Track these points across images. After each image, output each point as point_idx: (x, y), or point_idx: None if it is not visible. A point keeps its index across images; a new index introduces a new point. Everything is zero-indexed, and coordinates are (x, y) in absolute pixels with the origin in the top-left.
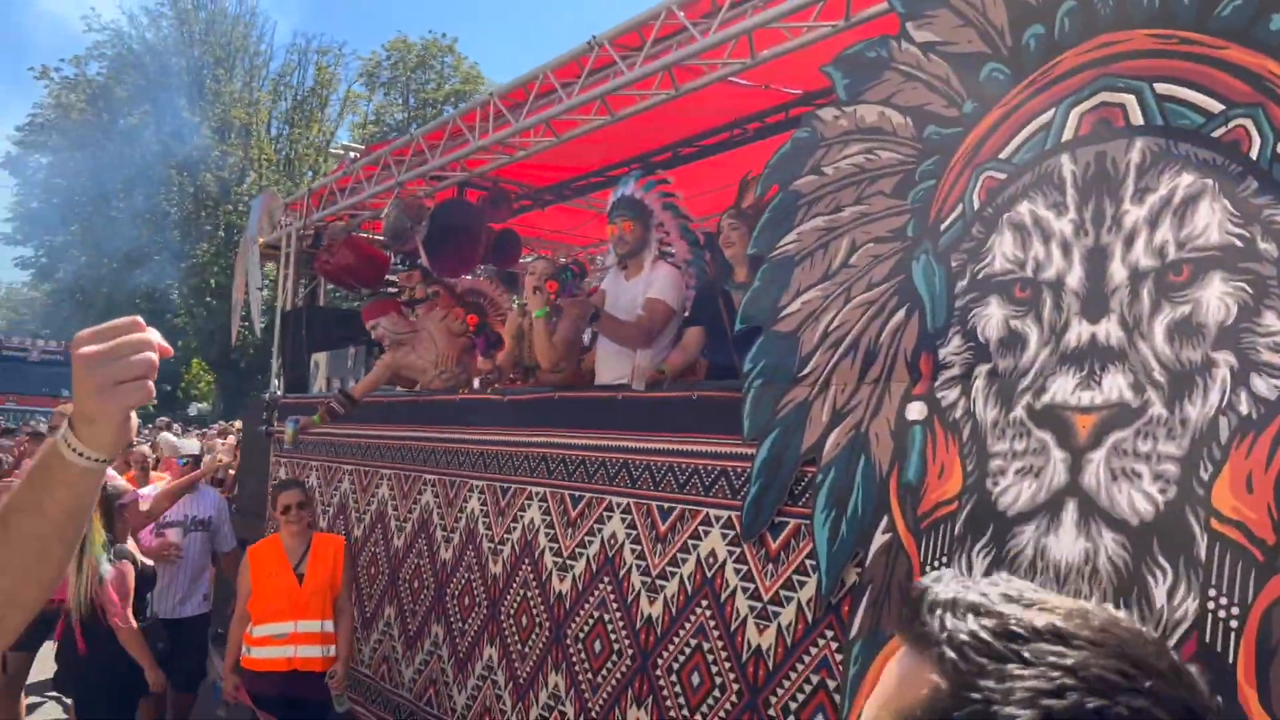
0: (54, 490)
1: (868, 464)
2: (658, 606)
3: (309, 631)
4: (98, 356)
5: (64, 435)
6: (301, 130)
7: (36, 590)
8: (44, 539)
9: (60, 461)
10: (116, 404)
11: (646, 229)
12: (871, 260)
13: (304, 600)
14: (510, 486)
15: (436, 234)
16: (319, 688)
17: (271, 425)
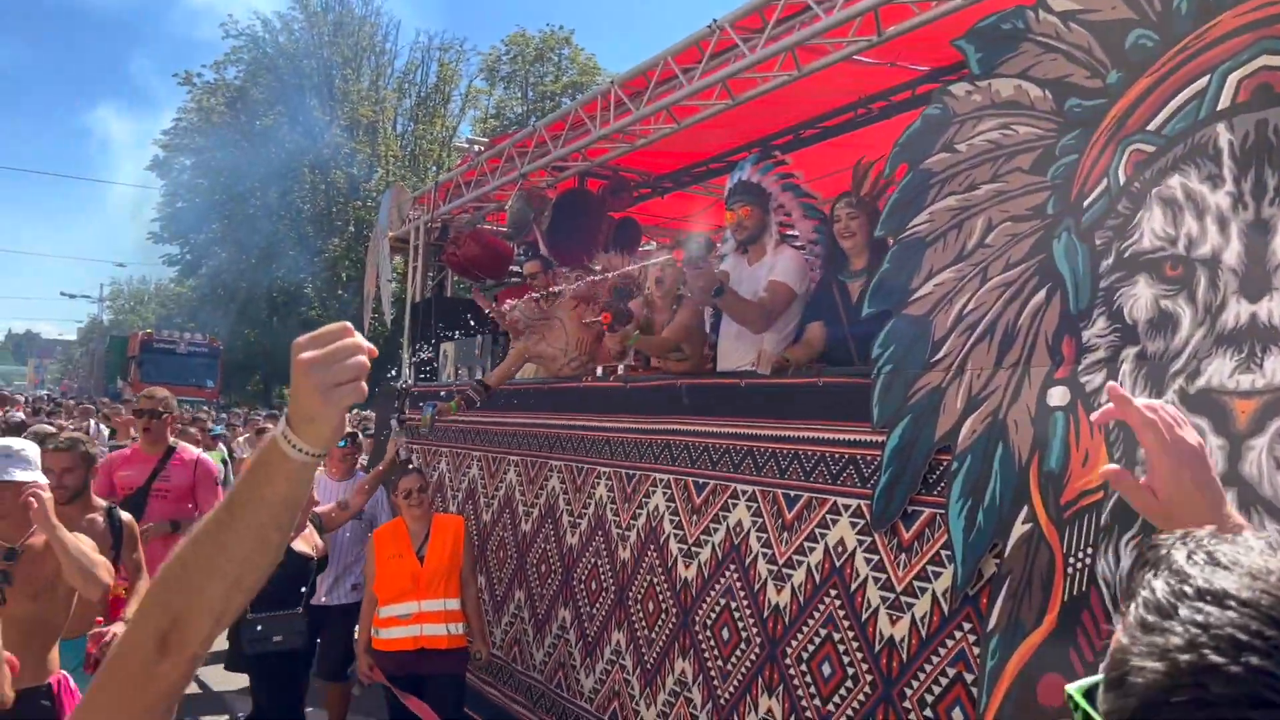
0: (274, 483)
1: (1006, 451)
2: (785, 595)
3: (433, 610)
4: (317, 361)
5: (284, 432)
6: (425, 126)
7: (257, 575)
8: (264, 527)
9: (280, 456)
10: (335, 404)
11: (765, 213)
12: (1009, 239)
13: (426, 580)
14: (635, 473)
15: (558, 223)
16: (447, 664)
17: (403, 413)
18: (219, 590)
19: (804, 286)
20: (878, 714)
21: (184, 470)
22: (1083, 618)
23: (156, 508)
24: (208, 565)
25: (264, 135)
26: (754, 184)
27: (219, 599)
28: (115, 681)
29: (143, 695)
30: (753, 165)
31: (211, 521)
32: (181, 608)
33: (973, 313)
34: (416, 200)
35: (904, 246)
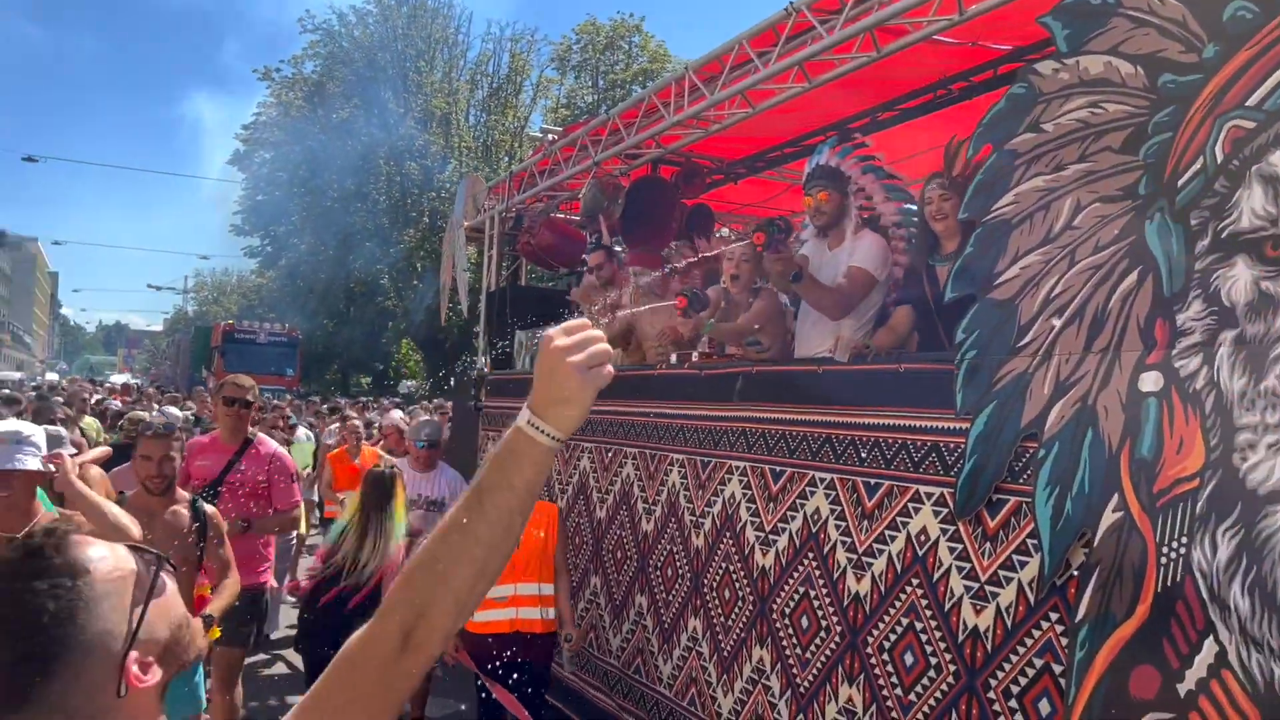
0: (523, 469)
1: (1096, 438)
2: (865, 584)
3: (528, 594)
4: (573, 347)
5: (530, 420)
6: (497, 117)
7: (499, 561)
8: (511, 513)
9: (528, 443)
10: (592, 384)
11: (844, 197)
12: (1098, 221)
13: (521, 564)
14: (710, 460)
15: (631, 211)
16: (539, 649)
17: (480, 401)
18: (466, 578)
19: (885, 272)
20: (961, 704)
21: (259, 463)
22: (1177, 608)
23: (228, 500)
24: (457, 554)
25: (341, 128)
26: (832, 168)
27: (465, 588)
28: (353, 683)
29: (385, 695)
30: (831, 149)
31: (460, 511)
32: (428, 601)
33: (1060, 296)
34: (491, 190)
35: (989, 229)
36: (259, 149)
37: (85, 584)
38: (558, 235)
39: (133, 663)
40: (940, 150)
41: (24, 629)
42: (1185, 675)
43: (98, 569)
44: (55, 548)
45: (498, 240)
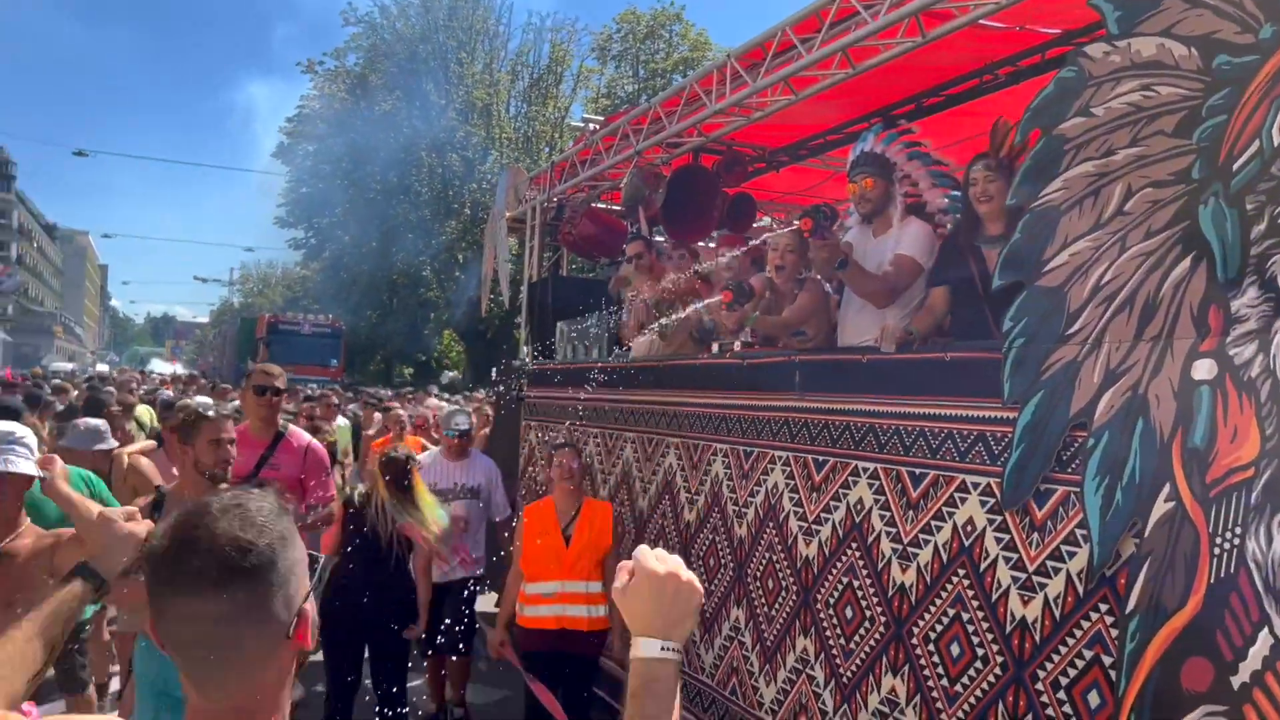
0: (670, 692)
1: (1147, 427)
2: (910, 574)
3: (574, 592)
4: (676, 568)
5: (663, 647)
6: (538, 108)
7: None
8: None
9: (666, 667)
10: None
11: (889, 183)
12: (1150, 206)
13: (570, 561)
14: (753, 450)
15: (672, 200)
16: (585, 645)
17: (522, 392)
18: None
19: (931, 260)
20: (1008, 695)
21: (293, 457)
22: (1230, 600)
23: None
24: None
25: (383, 120)
26: (877, 154)
27: None
28: None
29: None
30: (876, 135)
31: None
32: None
33: (1111, 283)
34: (533, 181)
35: (1037, 215)
36: (303, 141)
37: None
38: (599, 225)
39: (310, 609)
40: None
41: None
42: (1239, 668)
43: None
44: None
45: (539, 231)
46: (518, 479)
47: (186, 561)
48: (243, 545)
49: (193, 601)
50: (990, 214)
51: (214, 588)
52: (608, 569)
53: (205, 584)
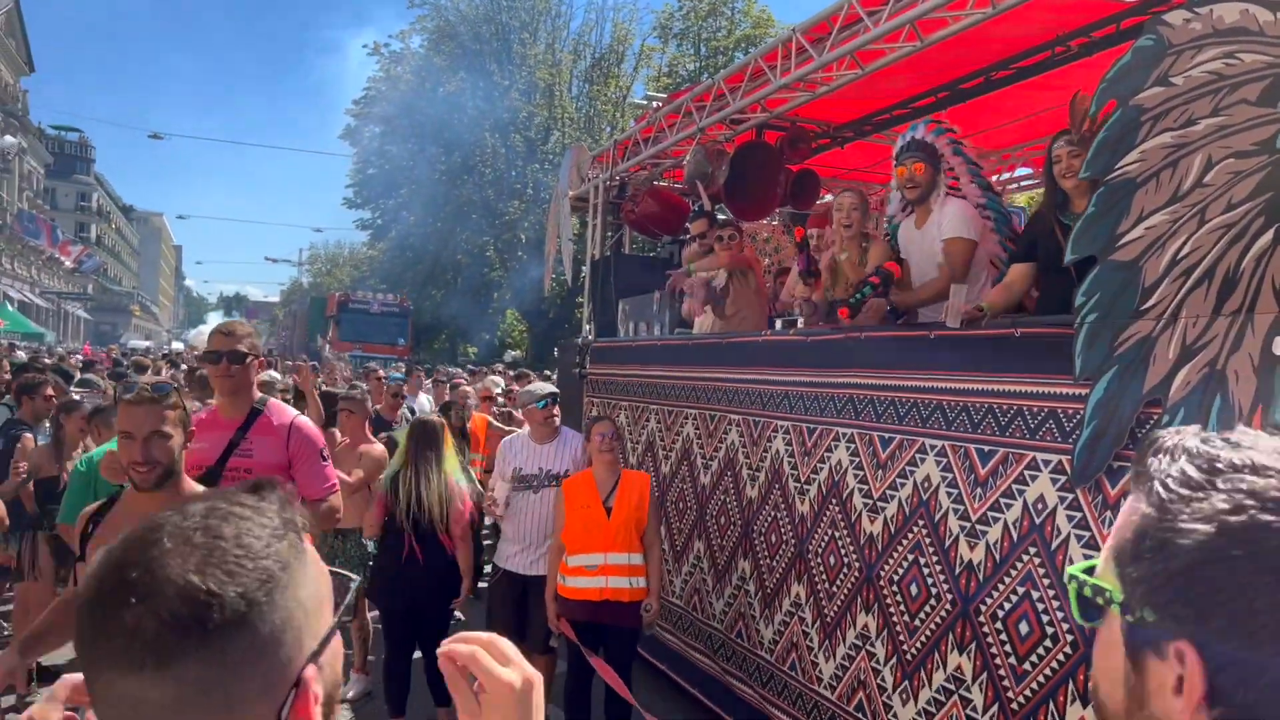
0: None
1: (1224, 404)
2: (979, 552)
3: (617, 564)
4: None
5: None
6: (600, 87)
7: None
8: None
9: None
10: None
11: (937, 171)
12: (1231, 178)
13: (612, 533)
14: (816, 427)
15: (736, 177)
16: (627, 616)
17: (584, 368)
18: None
19: (977, 228)
20: (1079, 674)
21: (271, 441)
22: None
23: None
24: None
25: (447, 102)
26: (927, 143)
27: None
28: None
29: None
30: (925, 126)
31: None
32: None
33: (1188, 257)
34: (595, 159)
35: (1111, 188)
36: (369, 123)
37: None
38: (661, 203)
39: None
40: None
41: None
42: None
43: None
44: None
45: (601, 209)
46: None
47: (115, 622)
48: (200, 599)
49: (126, 680)
50: (1076, 190)
51: (155, 664)
52: (648, 543)
53: (141, 656)
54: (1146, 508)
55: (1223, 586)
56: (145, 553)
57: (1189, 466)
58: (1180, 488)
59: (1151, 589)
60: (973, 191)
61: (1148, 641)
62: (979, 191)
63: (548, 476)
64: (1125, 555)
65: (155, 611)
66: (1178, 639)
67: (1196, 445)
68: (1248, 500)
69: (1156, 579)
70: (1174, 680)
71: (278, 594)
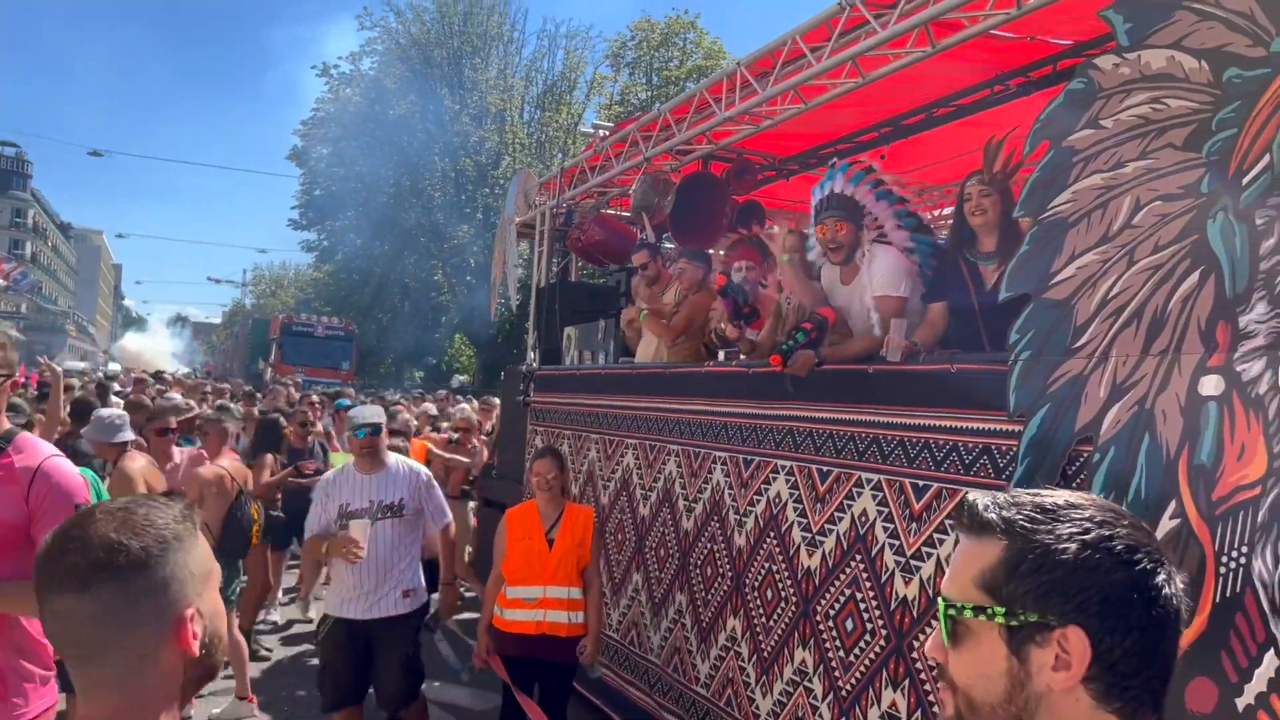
0: None
1: (1153, 443)
2: (913, 588)
3: (557, 597)
4: None
5: None
6: (551, 114)
7: None
8: None
9: None
10: None
11: (859, 227)
12: (1158, 220)
13: (553, 566)
14: (754, 459)
15: (682, 207)
16: (564, 651)
17: (528, 396)
18: None
19: (909, 284)
20: None
21: (6, 492)
22: (1236, 620)
23: None
24: None
25: (397, 124)
26: (846, 197)
27: None
28: None
29: None
30: (844, 175)
31: None
32: None
33: (1118, 297)
34: (543, 186)
35: (1045, 227)
36: (317, 144)
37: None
38: (608, 231)
39: (190, 618)
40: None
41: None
42: (1244, 690)
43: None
44: None
45: (548, 236)
46: (525, 484)
47: (59, 560)
48: (113, 545)
49: (63, 598)
50: (984, 228)
51: (80, 587)
52: (588, 579)
53: (73, 582)
54: (1006, 541)
55: (1095, 582)
56: (83, 521)
57: (1029, 511)
58: (1032, 525)
59: (1036, 596)
60: (900, 237)
61: (1029, 637)
62: (906, 236)
63: (382, 508)
64: (997, 579)
65: (84, 554)
66: (1063, 627)
67: (1021, 498)
68: (1087, 523)
69: (1041, 588)
70: (1052, 659)
71: (170, 554)
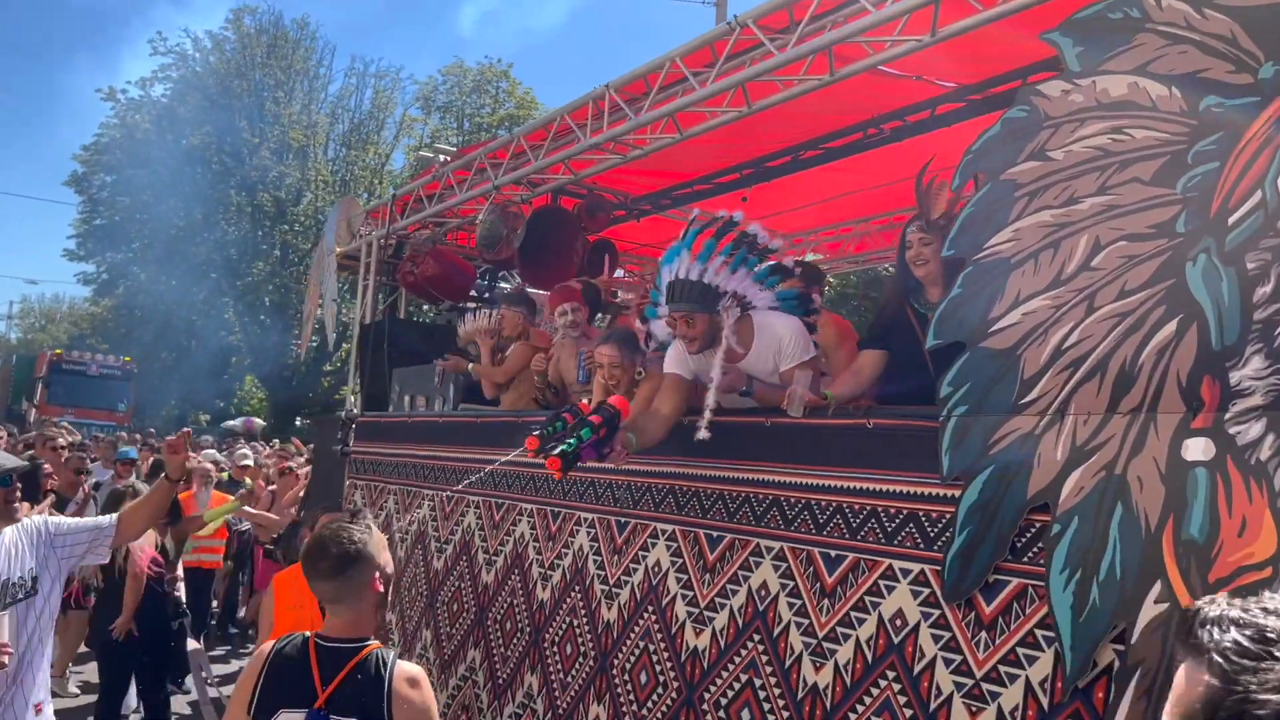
0: None
1: (1127, 514)
2: (826, 673)
3: None
4: None
5: None
6: (358, 152)
7: None
8: None
9: None
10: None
11: (715, 314)
12: (1123, 262)
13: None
14: (629, 521)
15: (531, 243)
16: None
17: (348, 445)
18: None
19: (812, 346)
20: None
21: None
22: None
23: None
24: None
25: (190, 155)
26: (697, 285)
27: None
28: None
29: None
30: (689, 251)
31: None
32: None
33: (1076, 347)
34: (369, 214)
35: (981, 269)
36: (99, 171)
37: None
38: (445, 265)
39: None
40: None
41: None
42: None
43: None
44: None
45: (375, 269)
46: (300, 542)
47: (320, 560)
48: (347, 549)
49: (324, 582)
50: (929, 278)
51: (333, 574)
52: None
53: (329, 571)
54: (1210, 679)
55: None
56: (320, 542)
57: (1241, 638)
58: (1240, 659)
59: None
60: (765, 299)
61: None
62: (771, 296)
63: (9, 588)
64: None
65: (327, 560)
66: None
67: (1240, 614)
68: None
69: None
70: None
71: (363, 552)
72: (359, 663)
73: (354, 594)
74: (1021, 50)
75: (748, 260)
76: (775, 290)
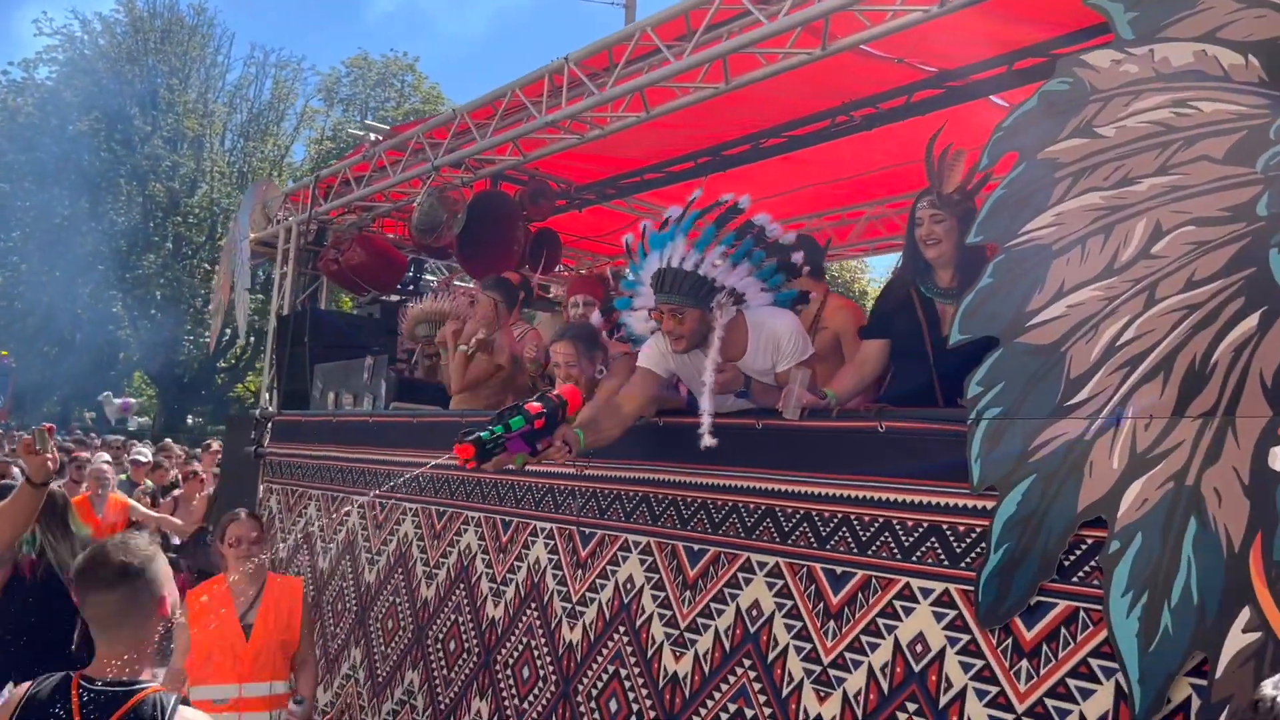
0: None
1: (1203, 530)
2: (833, 704)
3: (255, 696)
4: None
5: None
6: (257, 144)
7: None
8: None
9: None
10: None
11: (707, 310)
12: (1190, 249)
13: (250, 659)
14: (594, 533)
15: (471, 230)
16: None
17: (262, 445)
18: None
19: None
20: None
21: None
22: None
23: None
24: None
25: (76, 141)
26: (692, 277)
27: None
28: None
29: None
30: (684, 237)
31: None
32: None
33: (1133, 343)
34: (288, 198)
35: (1016, 256)
36: None
37: None
38: (374, 254)
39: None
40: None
41: None
42: None
43: None
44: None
45: (294, 257)
46: (212, 552)
47: (95, 572)
48: (127, 564)
49: (100, 595)
50: (940, 260)
51: (110, 587)
52: (300, 660)
53: (105, 584)
54: None
55: None
56: (100, 550)
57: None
58: None
59: None
60: (763, 299)
61: None
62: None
63: None
64: None
65: (109, 568)
66: None
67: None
68: None
69: None
70: None
71: (150, 566)
72: (131, 710)
73: (140, 615)
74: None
75: (753, 254)
76: (775, 290)
